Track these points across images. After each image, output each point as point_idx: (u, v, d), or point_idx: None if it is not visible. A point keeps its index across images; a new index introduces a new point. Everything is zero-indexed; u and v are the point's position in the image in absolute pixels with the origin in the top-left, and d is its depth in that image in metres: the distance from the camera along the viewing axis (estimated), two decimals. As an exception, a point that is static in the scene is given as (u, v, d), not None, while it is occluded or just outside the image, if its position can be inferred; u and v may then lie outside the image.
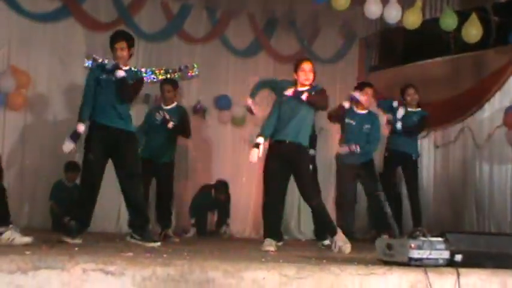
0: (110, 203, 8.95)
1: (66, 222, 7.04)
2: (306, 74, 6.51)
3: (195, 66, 10.03)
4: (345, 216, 8.33)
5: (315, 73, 6.60)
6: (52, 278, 3.41)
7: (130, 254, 4.37)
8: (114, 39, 6.45)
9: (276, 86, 7.01)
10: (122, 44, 6.39)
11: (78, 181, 8.38)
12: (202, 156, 9.99)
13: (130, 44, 6.47)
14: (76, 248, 4.87)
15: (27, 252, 3.75)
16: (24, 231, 7.14)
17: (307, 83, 6.53)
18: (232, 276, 3.77)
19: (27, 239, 5.20)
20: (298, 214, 10.17)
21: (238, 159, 9.96)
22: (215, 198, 9.40)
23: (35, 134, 9.05)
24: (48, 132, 9.04)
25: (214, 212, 9.61)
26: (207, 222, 9.53)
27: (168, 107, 8.27)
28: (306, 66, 6.55)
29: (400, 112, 8.98)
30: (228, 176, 9.69)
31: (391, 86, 10.60)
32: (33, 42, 9.11)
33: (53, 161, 8.91)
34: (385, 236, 7.98)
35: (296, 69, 6.59)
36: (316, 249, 6.99)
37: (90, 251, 4.57)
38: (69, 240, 5.88)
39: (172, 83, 8.50)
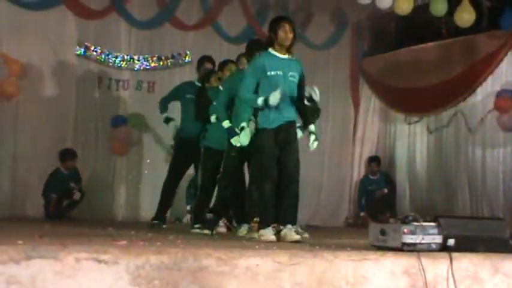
0: (104, 189, 9.02)
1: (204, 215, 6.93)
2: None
3: (188, 53, 10.00)
4: None
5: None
6: (45, 267, 3.40)
7: (124, 242, 4.37)
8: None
9: None
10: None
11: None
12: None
13: None
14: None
15: (20, 242, 3.74)
16: (17, 221, 7.18)
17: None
18: (226, 263, 3.76)
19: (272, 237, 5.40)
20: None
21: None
22: None
23: (27, 122, 9.04)
24: (41, 121, 9.05)
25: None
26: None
27: None
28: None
29: None
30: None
31: (384, 71, 10.63)
32: (25, 30, 9.08)
33: (45, 149, 8.93)
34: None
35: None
36: (310, 235, 6.99)
37: (83, 240, 4.57)
38: (206, 231, 6.41)
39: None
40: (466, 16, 8.64)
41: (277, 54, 5.75)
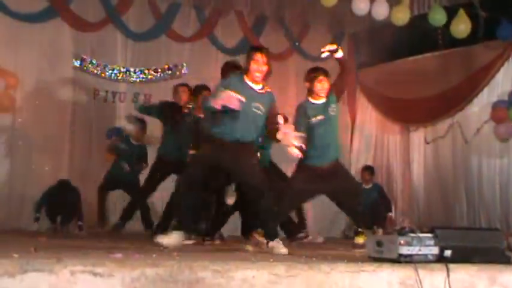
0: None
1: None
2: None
3: (184, 65, 10.01)
4: None
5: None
6: (40, 281, 3.38)
7: (120, 255, 4.35)
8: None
9: None
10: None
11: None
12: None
13: None
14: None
15: (15, 255, 3.73)
16: (12, 234, 7.14)
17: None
18: (222, 276, 3.75)
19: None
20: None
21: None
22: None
23: (24, 135, 9.02)
24: (37, 134, 9.03)
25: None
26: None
27: None
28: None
29: None
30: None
31: (381, 82, 10.64)
32: (21, 43, 9.09)
33: (42, 161, 8.90)
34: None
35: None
36: (306, 247, 6.98)
37: (79, 252, 4.55)
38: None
39: None
40: (461, 27, 8.65)
41: (249, 83, 5.66)
